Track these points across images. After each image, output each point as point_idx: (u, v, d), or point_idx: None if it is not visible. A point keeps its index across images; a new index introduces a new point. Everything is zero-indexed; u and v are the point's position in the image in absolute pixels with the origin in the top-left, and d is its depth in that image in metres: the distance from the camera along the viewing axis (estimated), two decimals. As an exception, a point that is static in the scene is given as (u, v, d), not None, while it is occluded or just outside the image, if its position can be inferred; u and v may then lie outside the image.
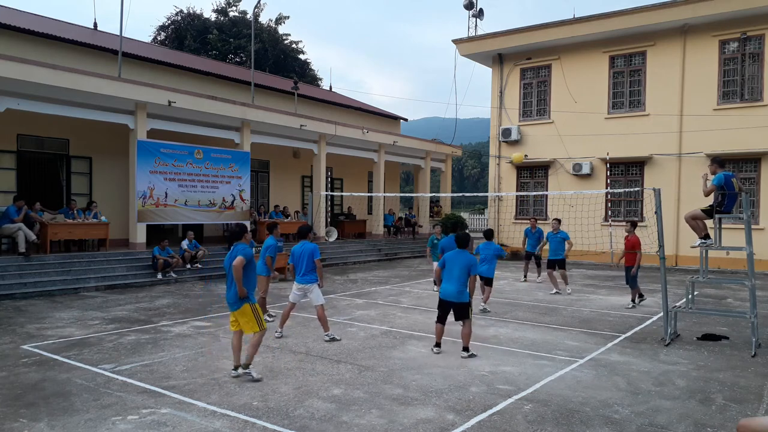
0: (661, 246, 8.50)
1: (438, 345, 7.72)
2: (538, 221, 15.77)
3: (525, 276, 15.28)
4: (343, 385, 6.21)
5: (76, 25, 23.26)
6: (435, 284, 12.68)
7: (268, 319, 9.35)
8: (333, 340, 8.18)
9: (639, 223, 18.40)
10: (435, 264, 12.70)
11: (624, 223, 12.12)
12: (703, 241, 8.48)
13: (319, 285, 8.35)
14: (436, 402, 5.73)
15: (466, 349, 7.51)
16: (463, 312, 7.51)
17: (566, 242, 13.13)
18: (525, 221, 20.69)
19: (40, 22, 19.78)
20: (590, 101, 20.18)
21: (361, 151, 23.07)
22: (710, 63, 18.22)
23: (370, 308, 11.08)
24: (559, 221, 13.70)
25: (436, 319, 7.78)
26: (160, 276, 14.10)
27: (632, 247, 11.31)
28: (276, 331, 8.40)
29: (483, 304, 10.82)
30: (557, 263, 13.11)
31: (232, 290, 6.40)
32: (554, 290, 12.97)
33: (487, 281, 11.11)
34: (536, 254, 14.78)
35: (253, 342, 6.39)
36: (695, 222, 8.48)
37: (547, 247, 13.58)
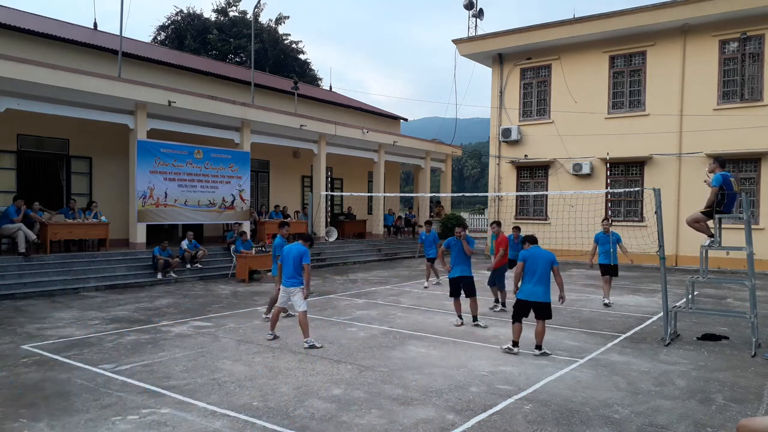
0: (661, 246, 8.50)
1: (516, 344, 7.59)
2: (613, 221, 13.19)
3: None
4: (343, 385, 6.21)
5: (76, 25, 23.25)
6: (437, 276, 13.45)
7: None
8: (312, 347, 7.72)
9: (637, 223, 18.59)
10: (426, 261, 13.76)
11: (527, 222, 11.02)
12: (711, 240, 8.50)
13: (304, 294, 7.98)
14: (436, 402, 5.72)
15: (538, 347, 7.55)
16: (547, 311, 7.49)
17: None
18: (525, 221, 20.73)
19: (40, 22, 19.77)
20: (590, 101, 20.17)
21: (361, 151, 23.08)
22: (710, 63, 18.21)
23: (371, 308, 11.08)
24: (519, 229, 12.09)
25: (513, 319, 7.63)
26: (160, 276, 14.10)
27: (504, 246, 10.66)
28: (268, 334, 8.37)
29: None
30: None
31: None
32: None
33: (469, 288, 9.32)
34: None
35: None
36: (698, 224, 8.50)
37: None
